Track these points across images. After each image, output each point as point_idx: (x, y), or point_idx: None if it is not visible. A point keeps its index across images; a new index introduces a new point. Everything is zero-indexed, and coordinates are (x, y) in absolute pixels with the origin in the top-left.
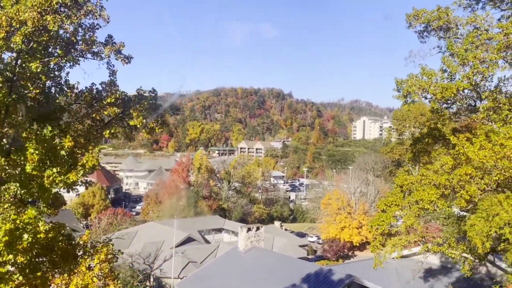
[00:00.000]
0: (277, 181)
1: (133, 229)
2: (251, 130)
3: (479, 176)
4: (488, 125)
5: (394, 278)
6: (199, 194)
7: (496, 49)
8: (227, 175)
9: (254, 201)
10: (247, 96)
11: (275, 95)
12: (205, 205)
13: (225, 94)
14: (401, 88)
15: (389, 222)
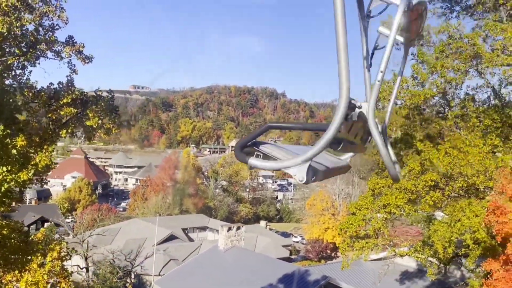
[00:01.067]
0: (266, 180)
1: (117, 226)
2: (244, 129)
3: (443, 183)
4: (456, 133)
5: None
6: (185, 192)
7: (463, 58)
8: (214, 174)
9: (241, 200)
10: (241, 95)
11: (268, 94)
12: (190, 203)
13: (218, 92)
14: None
15: (357, 225)
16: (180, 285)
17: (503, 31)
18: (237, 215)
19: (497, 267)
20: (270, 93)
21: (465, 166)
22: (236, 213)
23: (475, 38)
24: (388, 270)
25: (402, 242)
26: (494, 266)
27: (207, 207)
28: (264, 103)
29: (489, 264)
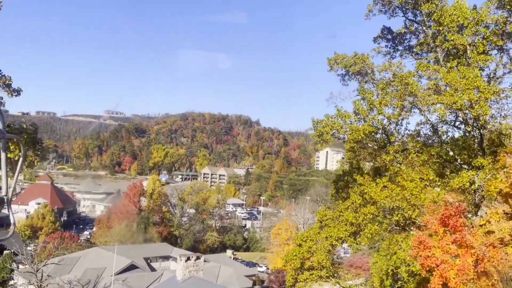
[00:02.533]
0: (235, 208)
1: (76, 254)
2: (217, 156)
3: (381, 216)
4: (396, 167)
5: None
6: (150, 220)
7: (398, 96)
8: (181, 202)
9: (208, 228)
10: (215, 122)
11: (242, 122)
12: (155, 231)
13: (192, 118)
14: (316, 128)
15: (301, 256)
16: None
17: (436, 71)
18: (203, 244)
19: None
20: (244, 121)
21: (402, 200)
22: (202, 241)
23: (408, 77)
24: None
25: (346, 274)
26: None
27: (173, 235)
28: (238, 131)
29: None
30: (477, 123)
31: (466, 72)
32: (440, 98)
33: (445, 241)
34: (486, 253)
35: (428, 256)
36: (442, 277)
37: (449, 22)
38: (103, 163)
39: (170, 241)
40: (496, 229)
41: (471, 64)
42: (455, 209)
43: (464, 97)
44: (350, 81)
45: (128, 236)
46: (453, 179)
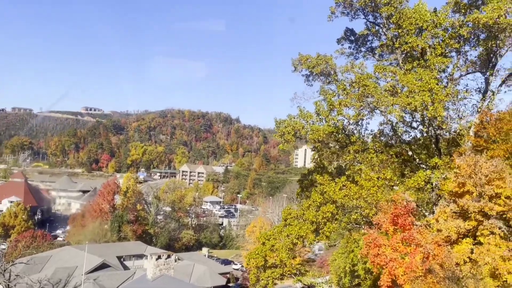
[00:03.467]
0: (213, 206)
1: (48, 254)
2: (196, 154)
3: (340, 215)
4: (357, 166)
5: None
6: (124, 219)
7: (357, 97)
8: (156, 200)
9: (184, 226)
10: (194, 119)
11: (222, 119)
12: (129, 229)
13: (172, 116)
14: (279, 128)
15: (264, 255)
16: None
17: (393, 73)
18: (178, 242)
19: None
20: (224, 118)
21: (359, 199)
22: (178, 240)
23: (366, 79)
24: None
25: (307, 272)
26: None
27: (147, 234)
28: (218, 128)
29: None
30: (432, 124)
31: (423, 74)
32: (396, 100)
33: (395, 240)
34: (431, 251)
35: (378, 254)
36: (391, 274)
37: (407, 25)
38: (80, 160)
39: (145, 240)
40: (444, 228)
41: (429, 66)
42: (404, 208)
43: (418, 99)
44: (315, 81)
45: (102, 234)
46: (410, 178)
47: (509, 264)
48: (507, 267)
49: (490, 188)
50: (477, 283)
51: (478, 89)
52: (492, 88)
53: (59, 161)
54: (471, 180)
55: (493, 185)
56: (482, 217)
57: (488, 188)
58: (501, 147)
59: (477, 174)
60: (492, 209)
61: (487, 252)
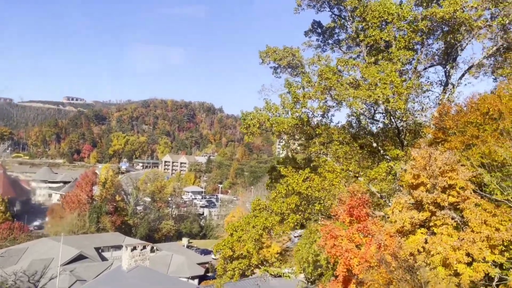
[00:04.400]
0: (195, 196)
1: (24, 245)
2: (179, 144)
3: (303, 206)
4: (322, 158)
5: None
6: (102, 210)
7: (320, 90)
8: (135, 191)
9: (164, 217)
10: (177, 109)
11: (206, 109)
12: (108, 221)
13: (154, 105)
14: (245, 120)
15: (231, 246)
16: None
17: (355, 66)
18: (158, 233)
19: (339, 287)
20: (207, 108)
21: (322, 190)
22: (157, 230)
23: (328, 72)
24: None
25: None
26: (336, 286)
27: (127, 224)
28: (201, 118)
29: (332, 284)
30: (394, 116)
31: (385, 67)
32: (357, 92)
33: (351, 231)
34: (382, 242)
35: (334, 245)
36: (346, 264)
37: (371, 18)
38: (61, 151)
39: (124, 230)
40: (398, 219)
41: (392, 59)
42: (359, 200)
43: (378, 92)
44: (282, 73)
45: (80, 226)
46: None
47: (459, 253)
48: (457, 256)
49: (443, 179)
50: (429, 272)
51: (440, 82)
52: (452, 81)
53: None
54: (425, 172)
55: (446, 177)
56: (435, 208)
57: (441, 179)
58: (458, 139)
59: (431, 166)
60: (444, 200)
61: (439, 242)
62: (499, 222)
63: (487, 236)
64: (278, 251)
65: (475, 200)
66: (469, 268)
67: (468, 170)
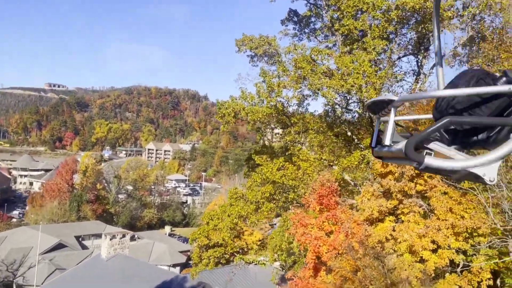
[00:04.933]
0: (178, 184)
1: (2, 234)
2: (163, 131)
3: (277, 195)
4: (298, 147)
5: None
6: (83, 198)
7: (293, 79)
8: (116, 179)
9: (146, 205)
10: (161, 96)
11: (190, 96)
12: (89, 209)
13: (138, 93)
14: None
15: (206, 234)
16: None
17: (329, 56)
18: (140, 221)
19: (309, 274)
20: (192, 95)
21: (295, 179)
22: (139, 218)
23: (302, 62)
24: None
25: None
26: (307, 273)
27: (108, 213)
28: (186, 105)
29: (303, 271)
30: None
31: (358, 56)
32: (330, 82)
33: (321, 219)
34: (350, 230)
35: (304, 233)
36: (315, 252)
37: (346, 7)
38: (42, 138)
39: (106, 219)
40: (367, 207)
41: (367, 48)
42: (327, 189)
43: (350, 82)
44: (259, 62)
45: (60, 214)
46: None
47: (424, 241)
48: (422, 243)
49: (410, 168)
50: (396, 259)
51: (413, 72)
52: (424, 71)
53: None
54: None
55: None
56: (402, 197)
57: (409, 168)
58: None
59: None
60: (411, 189)
61: (406, 229)
62: (463, 210)
63: (451, 223)
64: (260, 239)
65: (442, 189)
66: (435, 255)
67: None
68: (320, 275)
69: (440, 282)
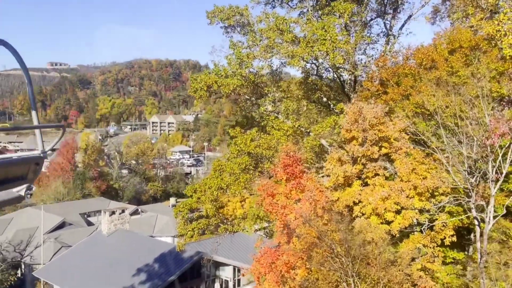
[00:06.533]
0: (182, 156)
1: (8, 216)
2: (167, 103)
3: (252, 165)
4: (272, 116)
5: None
6: (86, 176)
7: (263, 48)
8: (118, 155)
9: (150, 179)
10: (162, 68)
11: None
12: (93, 186)
13: (139, 66)
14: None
15: (190, 207)
16: (61, 273)
17: (295, 23)
18: (145, 194)
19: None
20: (193, 66)
21: (268, 149)
22: (144, 192)
23: (268, 31)
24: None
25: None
26: (282, 239)
27: (113, 188)
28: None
29: (277, 238)
30: (336, 71)
31: (328, 22)
32: (296, 50)
33: (288, 188)
34: (313, 197)
35: (271, 203)
36: (282, 220)
37: None
38: (47, 118)
39: (111, 195)
40: (332, 173)
41: (335, 13)
42: (290, 158)
43: (316, 49)
44: (233, 33)
45: (65, 193)
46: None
47: (387, 203)
48: (385, 205)
49: (373, 133)
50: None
51: (384, 34)
52: (393, 32)
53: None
54: (356, 126)
55: (376, 130)
56: (366, 161)
57: (372, 133)
58: (395, 91)
59: (361, 121)
60: (374, 153)
61: (371, 192)
62: (426, 170)
63: (413, 184)
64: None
65: (407, 150)
66: (399, 216)
67: (403, 121)
68: (292, 242)
69: (404, 242)
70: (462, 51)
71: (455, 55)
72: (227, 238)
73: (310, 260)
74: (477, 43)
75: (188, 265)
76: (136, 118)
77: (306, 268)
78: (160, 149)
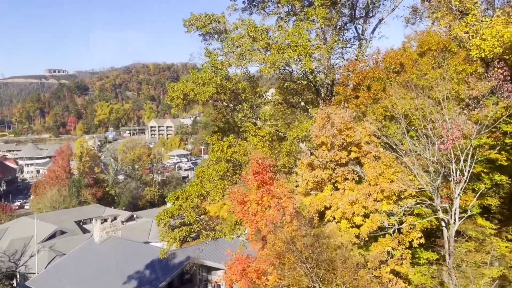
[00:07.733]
0: (180, 159)
1: (4, 226)
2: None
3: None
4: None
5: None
6: (81, 183)
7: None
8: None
9: (147, 184)
10: (160, 72)
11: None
12: (88, 193)
13: (136, 71)
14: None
15: (171, 215)
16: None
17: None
18: (141, 200)
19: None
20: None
21: (246, 155)
22: (140, 197)
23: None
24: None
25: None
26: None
27: (109, 195)
28: None
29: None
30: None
31: (300, 27)
32: (267, 58)
33: (259, 195)
34: (281, 203)
35: (242, 210)
36: (254, 227)
37: None
38: (46, 125)
39: (107, 201)
40: (302, 179)
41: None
42: (259, 165)
43: (286, 56)
44: (212, 40)
45: (61, 201)
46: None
47: (355, 207)
48: (353, 210)
49: (341, 138)
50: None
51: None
52: (365, 36)
53: (25, 128)
54: (323, 132)
55: (344, 135)
56: (335, 166)
57: (339, 138)
58: (365, 95)
59: (330, 126)
60: (342, 158)
61: (340, 197)
62: (393, 174)
63: (380, 188)
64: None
65: (376, 154)
66: (368, 219)
67: (373, 125)
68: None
69: (373, 245)
70: (431, 54)
71: (424, 58)
72: (218, 242)
73: (282, 266)
74: (445, 45)
75: (179, 271)
76: (134, 123)
77: (277, 274)
78: (156, 154)
